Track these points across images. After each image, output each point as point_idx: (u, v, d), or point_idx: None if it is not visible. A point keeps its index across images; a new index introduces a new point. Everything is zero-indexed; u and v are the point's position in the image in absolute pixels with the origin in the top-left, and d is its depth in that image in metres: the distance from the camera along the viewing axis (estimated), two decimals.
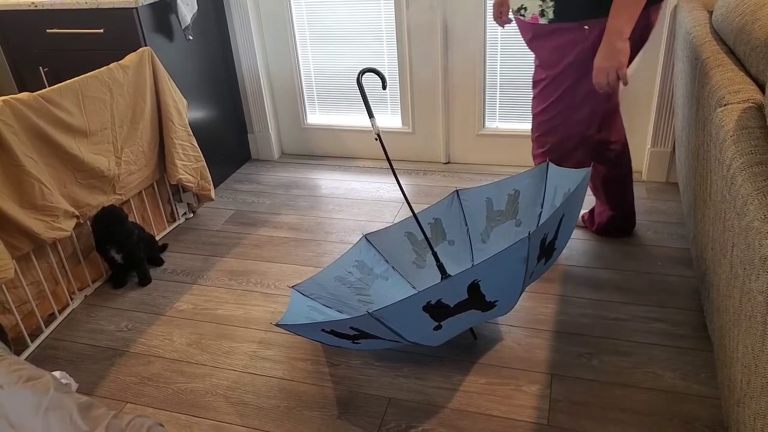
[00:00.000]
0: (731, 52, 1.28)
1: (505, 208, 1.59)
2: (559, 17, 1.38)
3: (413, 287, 1.55)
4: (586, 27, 1.37)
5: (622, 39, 1.31)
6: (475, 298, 1.18)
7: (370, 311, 1.10)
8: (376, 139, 1.43)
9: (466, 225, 1.63)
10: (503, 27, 1.76)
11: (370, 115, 1.45)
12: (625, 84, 1.38)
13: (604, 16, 1.34)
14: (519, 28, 1.54)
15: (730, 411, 0.95)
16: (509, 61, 2.21)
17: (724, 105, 1.05)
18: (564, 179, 1.45)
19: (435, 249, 1.49)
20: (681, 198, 1.71)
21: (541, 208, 1.51)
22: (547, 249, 1.30)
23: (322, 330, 1.23)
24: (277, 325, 1.30)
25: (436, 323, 1.20)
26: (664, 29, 1.96)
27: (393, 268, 1.59)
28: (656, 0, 1.39)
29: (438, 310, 1.16)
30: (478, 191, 1.64)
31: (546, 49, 1.46)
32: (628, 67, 1.38)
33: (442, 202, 1.67)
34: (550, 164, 1.53)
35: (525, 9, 1.43)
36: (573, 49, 1.41)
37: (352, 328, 1.19)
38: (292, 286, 1.52)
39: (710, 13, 1.61)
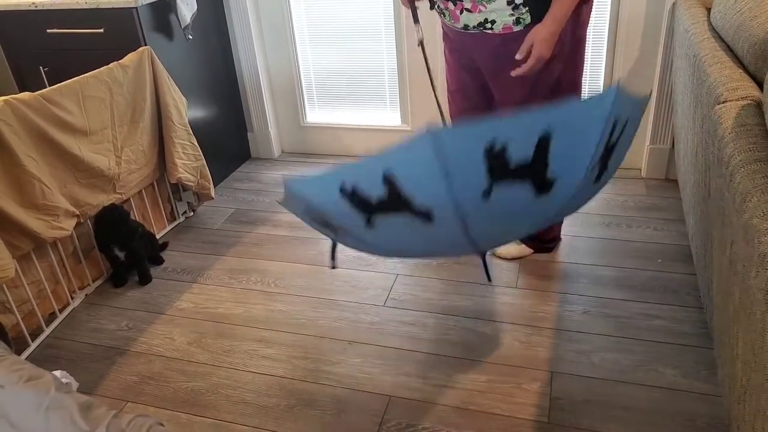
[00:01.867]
0: (729, 50, 1.28)
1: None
2: (535, 17, 1.39)
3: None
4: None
5: (561, 26, 1.37)
6: (540, 162, 0.85)
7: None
8: (419, 45, 1.42)
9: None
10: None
11: (416, 20, 1.43)
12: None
13: None
14: (470, 41, 1.47)
15: (730, 408, 0.95)
16: None
17: (723, 102, 1.05)
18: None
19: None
20: (681, 195, 1.71)
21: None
22: (606, 153, 0.96)
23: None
24: (280, 203, 1.13)
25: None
26: (663, 27, 1.96)
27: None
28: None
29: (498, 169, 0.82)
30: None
31: (503, 54, 1.44)
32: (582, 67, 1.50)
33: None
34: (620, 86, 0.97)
35: (492, 22, 1.40)
36: (559, 40, 1.41)
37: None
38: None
39: (708, 10, 1.61)
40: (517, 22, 1.40)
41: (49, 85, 1.60)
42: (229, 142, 2.47)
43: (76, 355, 1.52)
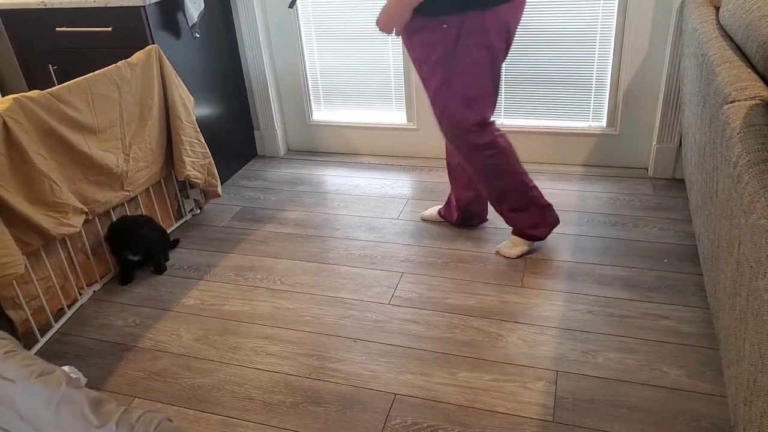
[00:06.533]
0: (738, 49, 1.27)
1: None
2: (423, 11, 1.43)
3: None
4: (444, 25, 1.44)
5: (396, 7, 1.43)
6: None
7: None
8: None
9: None
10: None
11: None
12: (398, 34, 1.52)
13: (460, 12, 1.41)
14: None
15: (736, 409, 0.95)
16: (514, 55, 2.20)
17: (731, 102, 1.05)
18: None
19: None
20: (687, 194, 1.70)
21: None
22: None
23: None
24: None
25: None
26: (671, 25, 1.95)
27: None
28: (493, 3, 1.42)
29: None
30: None
31: (417, 45, 1.53)
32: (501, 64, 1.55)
33: None
34: None
35: None
36: (438, 47, 1.48)
37: None
38: None
39: (717, 9, 1.60)
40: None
41: (58, 83, 1.61)
42: (235, 140, 2.48)
43: (84, 351, 1.54)
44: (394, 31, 1.51)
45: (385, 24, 1.49)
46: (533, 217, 1.74)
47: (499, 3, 1.42)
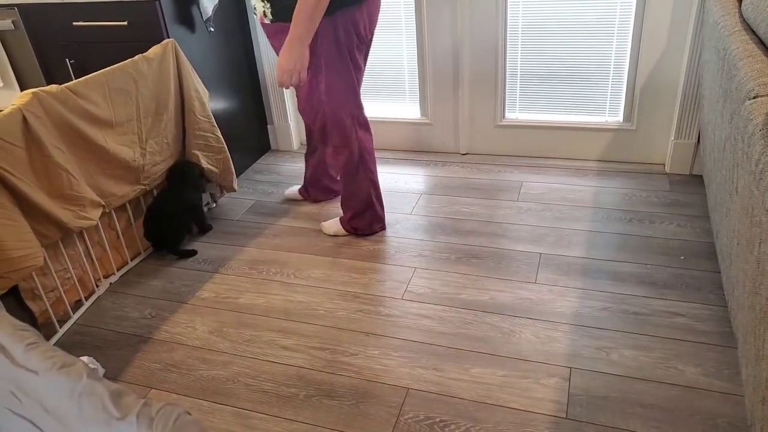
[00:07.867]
0: (762, 43, 1.25)
1: None
2: (277, 18, 1.53)
3: None
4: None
5: (302, 45, 1.46)
6: None
7: None
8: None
9: None
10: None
11: None
12: (303, 84, 1.55)
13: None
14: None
15: (754, 409, 0.93)
16: (530, 49, 2.18)
17: (754, 97, 1.03)
18: None
19: None
20: (705, 191, 1.68)
21: None
22: None
23: None
24: None
25: None
26: (691, 18, 1.92)
27: None
28: (349, 3, 1.50)
29: None
30: None
31: (277, 48, 1.61)
32: (363, 68, 1.64)
33: None
34: None
35: (255, 9, 1.58)
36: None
37: None
38: None
39: (740, 1, 1.56)
40: (265, 14, 1.55)
41: (75, 78, 1.63)
42: (249, 134, 2.49)
43: (101, 342, 1.56)
44: (300, 76, 1.51)
45: (287, 72, 1.49)
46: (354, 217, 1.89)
47: (342, 7, 1.49)
